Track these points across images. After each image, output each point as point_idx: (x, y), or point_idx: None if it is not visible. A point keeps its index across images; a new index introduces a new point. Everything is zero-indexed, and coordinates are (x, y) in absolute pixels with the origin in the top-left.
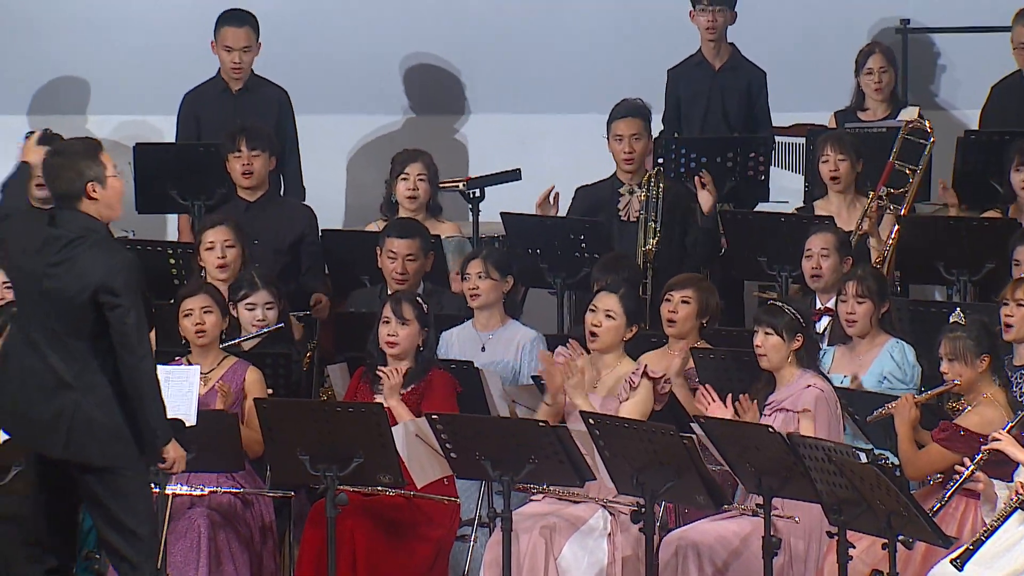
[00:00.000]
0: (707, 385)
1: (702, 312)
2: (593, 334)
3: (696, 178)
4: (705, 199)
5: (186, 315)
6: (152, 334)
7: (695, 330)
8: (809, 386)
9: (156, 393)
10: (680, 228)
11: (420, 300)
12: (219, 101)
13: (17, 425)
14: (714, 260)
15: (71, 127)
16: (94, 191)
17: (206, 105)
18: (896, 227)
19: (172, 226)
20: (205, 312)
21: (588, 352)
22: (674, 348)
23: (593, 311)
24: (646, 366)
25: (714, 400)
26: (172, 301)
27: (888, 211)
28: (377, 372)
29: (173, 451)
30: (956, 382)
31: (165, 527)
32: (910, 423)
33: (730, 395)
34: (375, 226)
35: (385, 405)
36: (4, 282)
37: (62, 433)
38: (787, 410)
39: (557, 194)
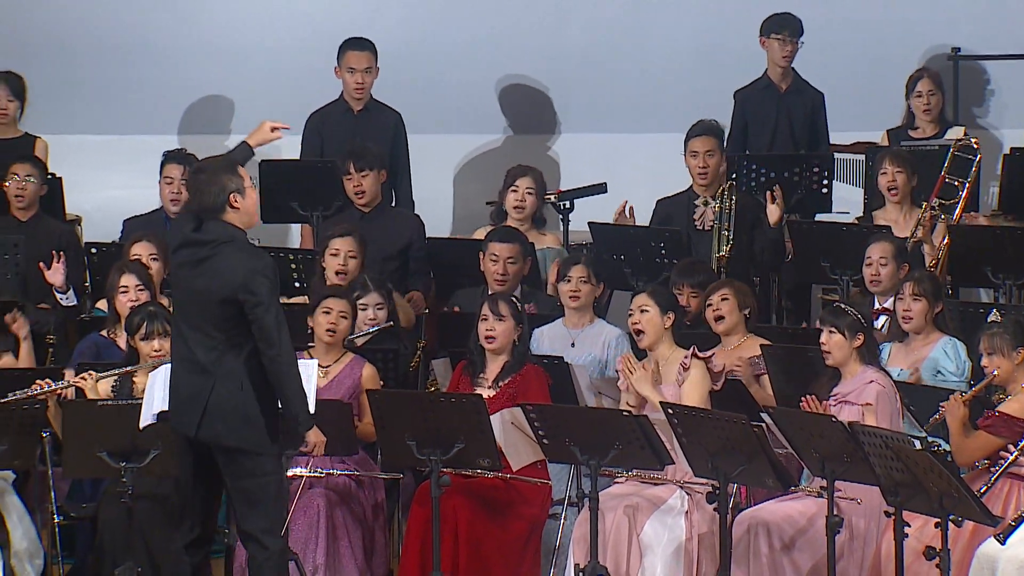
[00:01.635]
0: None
1: (742, 305)
2: (637, 332)
3: (768, 192)
4: (773, 212)
5: (325, 312)
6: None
7: (741, 322)
8: (871, 381)
9: (297, 384)
10: (749, 237)
11: (515, 299)
12: (342, 121)
13: (171, 407)
14: (779, 266)
15: (209, 146)
16: (236, 201)
17: (329, 125)
18: (947, 235)
19: (292, 235)
20: (341, 315)
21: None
22: (728, 344)
23: (631, 313)
24: (694, 348)
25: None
26: (293, 300)
27: (940, 220)
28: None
29: (314, 436)
30: (995, 373)
31: (292, 506)
32: (960, 420)
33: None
34: (480, 233)
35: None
36: (137, 285)
37: (197, 414)
38: (851, 403)
39: (632, 207)
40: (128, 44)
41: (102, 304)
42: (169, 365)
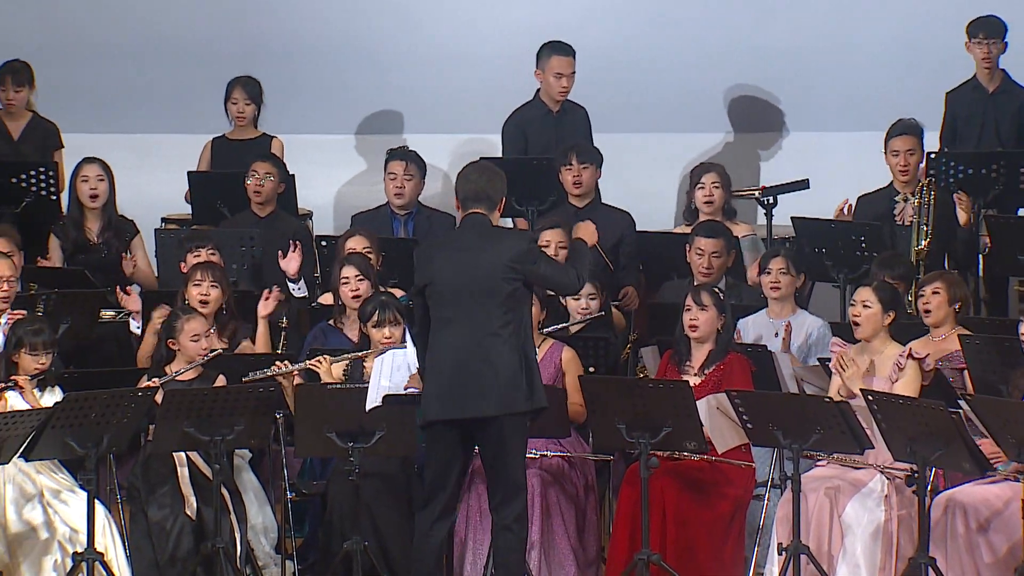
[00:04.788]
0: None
1: (952, 300)
2: (856, 323)
3: (955, 196)
4: (960, 215)
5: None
6: None
7: (951, 316)
8: None
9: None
10: (946, 232)
11: (718, 290)
12: (542, 121)
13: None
14: (972, 264)
15: (431, 145)
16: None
17: (531, 125)
18: None
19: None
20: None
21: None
22: (935, 335)
23: (853, 304)
24: (911, 348)
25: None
26: None
27: None
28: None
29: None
30: None
31: None
32: None
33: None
34: (682, 229)
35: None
36: (357, 275)
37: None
38: None
39: (851, 205)
40: (354, 49)
41: (325, 299)
42: (395, 350)
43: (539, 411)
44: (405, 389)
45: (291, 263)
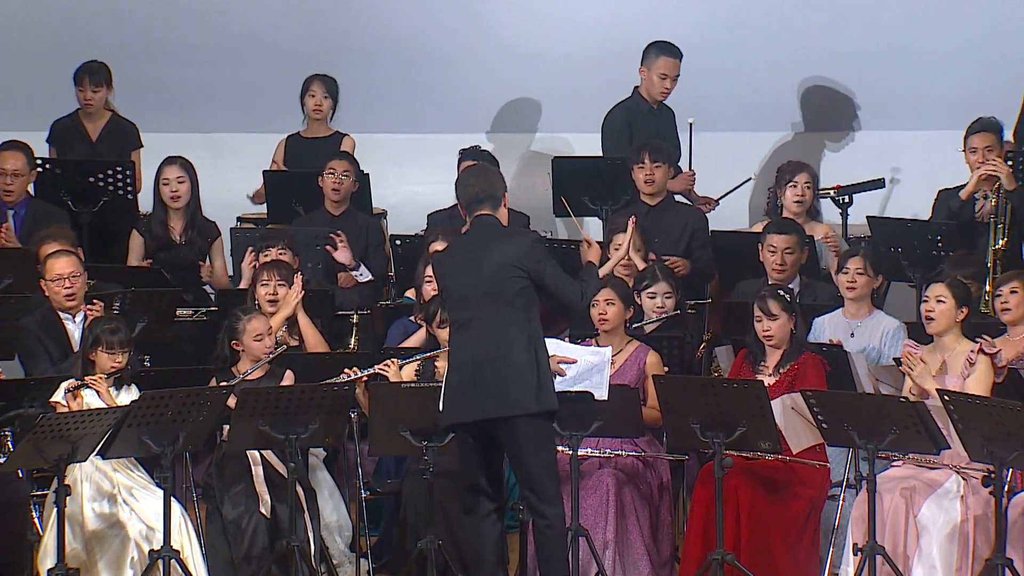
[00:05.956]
0: None
1: None
2: (929, 318)
3: None
4: None
5: (592, 305)
6: None
7: None
8: None
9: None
10: (1020, 230)
11: (785, 291)
12: (646, 118)
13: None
14: None
15: (512, 145)
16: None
17: (635, 121)
18: None
19: (586, 228)
20: (608, 303)
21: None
22: (1013, 335)
23: (926, 300)
24: (981, 344)
25: None
26: None
27: None
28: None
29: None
30: None
31: (582, 485)
32: None
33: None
34: (759, 227)
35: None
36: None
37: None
38: None
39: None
40: (431, 49)
41: (410, 293)
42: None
43: (551, 413)
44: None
45: (342, 254)
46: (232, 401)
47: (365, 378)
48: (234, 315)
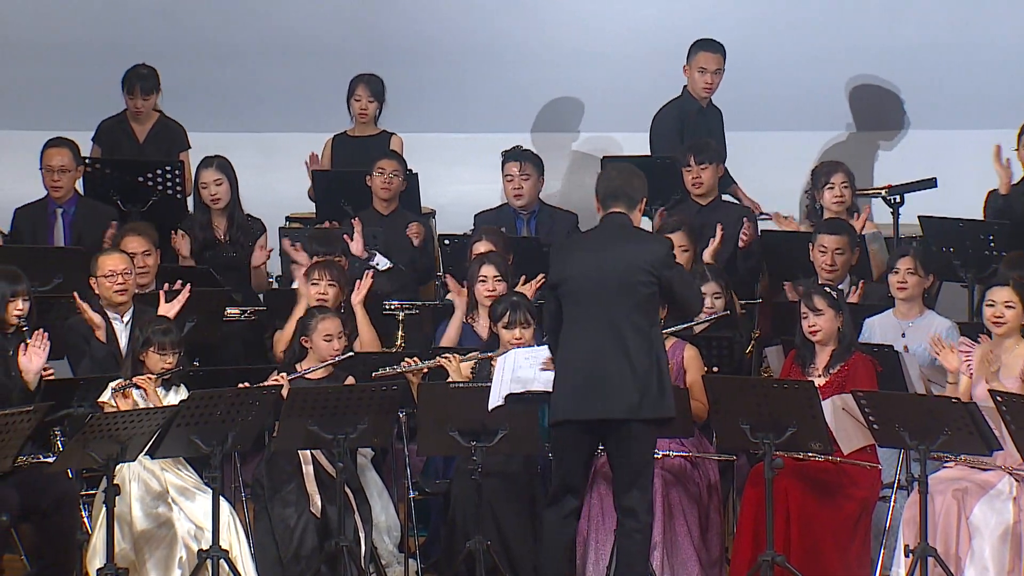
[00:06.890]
0: None
1: None
2: (999, 323)
3: None
4: None
5: None
6: None
7: None
8: None
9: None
10: None
11: (831, 288)
12: (695, 117)
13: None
14: None
15: (557, 145)
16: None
17: (685, 120)
18: None
19: None
20: None
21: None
22: None
23: (992, 305)
24: None
25: None
26: None
27: None
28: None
29: None
30: None
31: None
32: None
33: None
34: (804, 227)
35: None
36: (495, 276)
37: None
38: None
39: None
40: (479, 48)
41: (450, 296)
42: (517, 351)
43: (667, 420)
44: (541, 369)
45: (355, 245)
46: (285, 391)
47: (425, 369)
48: (310, 312)
